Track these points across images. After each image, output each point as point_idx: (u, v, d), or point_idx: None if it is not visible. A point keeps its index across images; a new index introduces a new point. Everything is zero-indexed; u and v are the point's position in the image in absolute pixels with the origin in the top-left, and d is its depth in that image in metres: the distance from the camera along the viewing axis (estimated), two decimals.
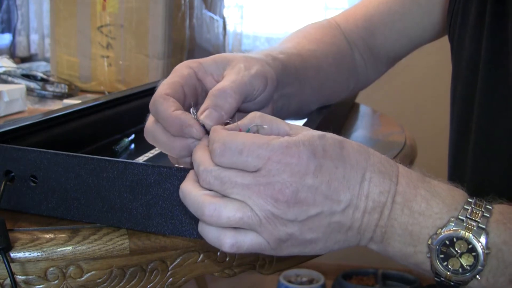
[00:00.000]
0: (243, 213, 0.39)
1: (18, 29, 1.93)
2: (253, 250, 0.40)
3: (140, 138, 0.72)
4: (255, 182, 0.39)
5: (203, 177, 0.40)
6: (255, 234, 0.40)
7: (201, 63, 0.50)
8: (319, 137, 0.40)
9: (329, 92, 0.68)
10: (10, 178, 0.49)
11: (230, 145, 0.39)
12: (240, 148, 0.39)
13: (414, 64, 1.71)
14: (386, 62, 0.77)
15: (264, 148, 0.39)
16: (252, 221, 0.39)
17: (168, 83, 0.47)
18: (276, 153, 0.39)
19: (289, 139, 0.40)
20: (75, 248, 0.47)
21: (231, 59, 0.50)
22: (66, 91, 1.11)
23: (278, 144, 0.39)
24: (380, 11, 0.73)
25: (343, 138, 0.42)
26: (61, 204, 0.48)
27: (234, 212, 0.39)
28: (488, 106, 0.56)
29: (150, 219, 0.46)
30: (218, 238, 0.40)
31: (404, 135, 0.88)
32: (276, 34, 2.08)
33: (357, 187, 0.40)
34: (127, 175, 0.45)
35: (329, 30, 0.72)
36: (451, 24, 0.64)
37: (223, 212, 0.39)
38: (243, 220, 0.39)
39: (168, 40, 1.17)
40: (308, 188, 0.39)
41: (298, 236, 0.40)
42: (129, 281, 0.51)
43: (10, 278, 0.44)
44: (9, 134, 0.54)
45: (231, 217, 0.39)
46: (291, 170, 0.39)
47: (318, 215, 0.40)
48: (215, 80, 0.49)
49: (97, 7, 1.18)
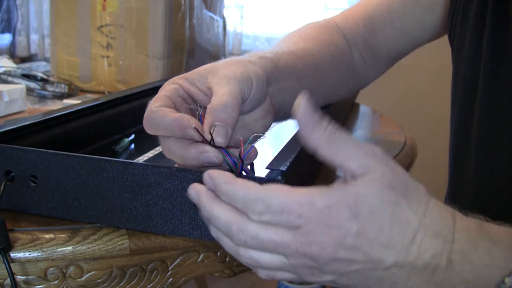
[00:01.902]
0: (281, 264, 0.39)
1: (18, 29, 1.93)
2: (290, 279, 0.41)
3: (140, 138, 0.72)
4: (294, 241, 0.38)
5: (239, 238, 0.39)
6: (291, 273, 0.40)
7: (185, 77, 0.50)
8: (372, 194, 0.38)
9: (329, 90, 0.68)
10: (10, 178, 0.49)
11: (270, 203, 0.38)
12: (281, 207, 0.38)
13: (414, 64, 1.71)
14: (386, 61, 0.77)
15: (306, 208, 0.38)
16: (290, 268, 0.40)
17: (155, 98, 0.47)
18: (316, 213, 0.38)
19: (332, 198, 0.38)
20: (75, 248, 0.47)
21: (213, 68, 0.50)
22: (66, 91, 1.11)
23: (320, 205, 0.38)
24: (380, 9, 0.72)
25: (407, 190, 0.39)
26: (61, 204, 0.48)
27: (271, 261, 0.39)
28: (490, 106, 0.56)
29: (150, 219, 0.46)
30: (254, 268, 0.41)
31: (404, 135, 0.88)
32: (276, 34, 2.08)
33: (404, 251, 0.38)
34: (127, 175, 0.45)
35: (326, 29, 0.72)
36: (451, 24, 0.64)
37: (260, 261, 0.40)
38: (280, 267, 0.40)
39: (168, 40, 1.17)
40: (348, 249, 0.38)
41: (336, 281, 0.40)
42: (129, 281, 0.51)
43: (10, 278, 0.44)
44: (9, 134, 0.54)
45: (268, 263, 0.40)
46: (331, 232, 0.38)
47: (358, 271, 0.39)
48: (201, 90, 0.49)
49: (97, 7, 1.18)
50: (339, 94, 0.72)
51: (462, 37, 0.60)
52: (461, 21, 0.60)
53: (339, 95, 0.72)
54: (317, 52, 0.65)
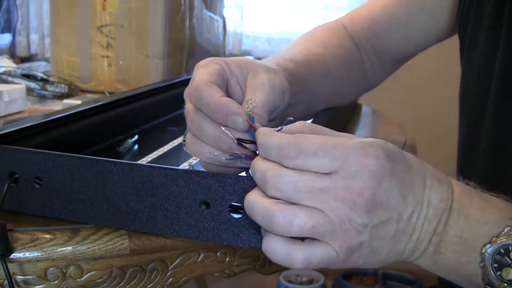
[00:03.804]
0: (316, 221, 0.37)
1: (18, 29, 1.93)
2: (323, 264, 0.38)
3: (143, 139, 0.72)
4: (333, 185, 0.37)
5: (273, 183, 0.38)
6: (325, 246, 0.38)
7: (227, 63, 0.49)
8: (385, 143, 0.39)
9: (338, 95, 0.68)
10: (14, 179, 0.49)
11: (303, 147, 0.37)
12: (314, 149, 0.37)
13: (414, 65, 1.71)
14: (392, 64, 0.77)
15: (340, 149, 0.37)
16: (325, 229, 0.37)
17: (207, 72, 0.46)
18: (353, 154, 0.37)
19: (362, 140, 0.38)
20: (75, 248, 0.47)
21: (254, 66, 0.50)
22: (66, 91, 1.11)
23: (354, 145, 0.38)
24: (385, 14, 0.72)
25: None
26: (66, 206, 0.48)
27: (307, 220, 0.37)
28: (504, 104, 0.56)
29: (155, 221, 0.45)
30: (289, 254, 0.38)
31: (404, 135, 0.88)
32: (276, 34, 2.08)
33: (421, 194, 0.40)
34: (133, 177, 0.45)
35: (337, 33, 0.72)
36: (460, 25, 0.64)
37: (295, 221, 0.37)
38: (315, 229, 0.37)
39: (168, 40, 1.17)
40: (384, 191, 0.38)
41: (367, 245, 0.39)
42: (129, 281, 0.51)
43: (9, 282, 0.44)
44: (12, 136, 0.54)
45: (302, 226, 0.37)
46: (370, 172, 0.37)
47: (388, 221, 0.38)
48: (239, 84, 0.49)
49: (97, 7, 1.18)
50: (349, 97, 0.72)
51: (475, 37, 0.60)
52: (474, 22, 0.60)
53: (349, 98, 0.73)
54: (328, 58, 0.65)
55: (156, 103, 0.82)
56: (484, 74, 0.58)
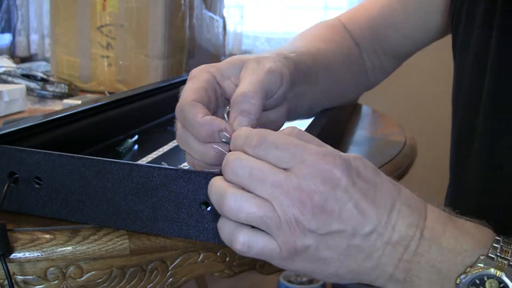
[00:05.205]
0: (264, 212, 0.37)
1: (18, 29, 1.93)
2: (263, 255, 0.39)
3: (143, 139, 0.72)
4: (286, 181, 0.37)
5: (232, 166, 0.39)
6: (270, 238, 0.38)
7: (218, 68, 0.50)
8: (355, 158, 0.39)
9: (340, 91, 0.68)
10: (14, 179, 0.49)
11: (267, 138, 0.39)
12: (277, 143, 0.38)
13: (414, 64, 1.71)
14: (391, 63, 0.77)
15: (301, 149, 0.38)
16: (272, 222, 0.38)
17: (192, 89, 0.47)
18: (312, 156, 0.38)
19: (327, 149, 0.39)
20: (75, 248, 0.47)
21: (245, 60, 0.50)
22: (66, 91, 1.11)
23: (317, 150, 0.38)
24: (384, 13, 0.73)
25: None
26: (66, 206, 0.48)
27: (255, 209, 0.38)
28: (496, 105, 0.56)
29: (155, 221, 0.45)
30: (232, 233, 0.39)
31: (404, 135, 0.88)
32: (276, 34, 2.08)
33: (385, 215, 0.39)
34: (133, 177, 0.45)
35: (338, 30, 0.72)
36: (453, 24, 0.64)
37: (244, 206, 0.38)
38: (262, 219, 0.38)
39: (168, 40, 1.17)
40: (337, 200, 0.38)
41: (313, 251, 0.38)
42: (129, 281, 0.51)
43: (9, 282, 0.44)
44: (12, 135, 0.54)
45: (251, 214, 0.38)
46: (324, 177, 0.37)
47: (339, 232, 0.38)
48: (233, 83, 0.49)
49: (97, 7, 1.18)
50: (350, 95, 0.72)
51: (467, 36, 0.60)
52: (466, 21, 0.60)
53: (350, 96, 0.73)
54: (330, 53, 0.65)
55: (156, 103, 0.82)
56: (476, 73, 0.58)
